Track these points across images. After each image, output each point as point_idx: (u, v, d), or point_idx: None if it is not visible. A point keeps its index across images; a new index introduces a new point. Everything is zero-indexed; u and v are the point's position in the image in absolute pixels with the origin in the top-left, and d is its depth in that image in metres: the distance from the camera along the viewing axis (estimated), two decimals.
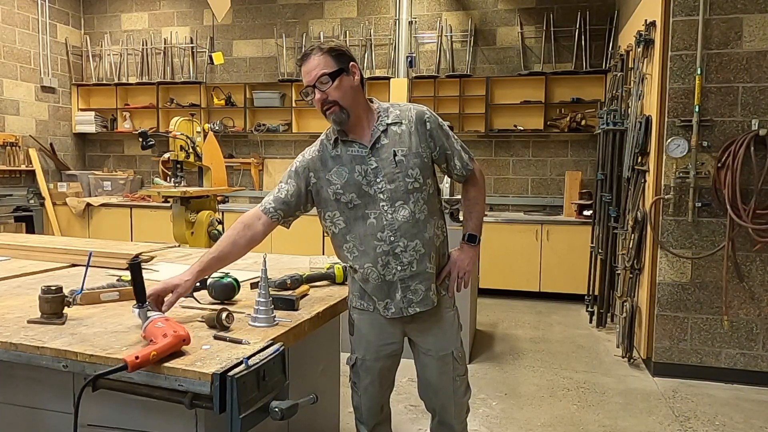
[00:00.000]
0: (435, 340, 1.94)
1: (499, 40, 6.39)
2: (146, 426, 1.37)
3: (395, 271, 1.82)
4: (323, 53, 1.76)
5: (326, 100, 1.76)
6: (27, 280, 2.08)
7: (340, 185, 1.82)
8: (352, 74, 1.79)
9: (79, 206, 6.85)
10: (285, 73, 6.95)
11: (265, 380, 1.27)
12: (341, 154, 1.84)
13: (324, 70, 1.74)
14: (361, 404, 2.02)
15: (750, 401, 3.42)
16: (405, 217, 1.80)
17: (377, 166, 1.80)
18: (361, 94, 1.84)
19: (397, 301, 1.85)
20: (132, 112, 7.51)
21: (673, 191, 3.67)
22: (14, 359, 1.36)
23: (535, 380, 3.69)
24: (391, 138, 1.83)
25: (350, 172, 1.82)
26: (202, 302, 1.75)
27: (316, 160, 1.87)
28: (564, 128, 6.07)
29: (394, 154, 1.81)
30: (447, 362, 1.94)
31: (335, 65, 1.76)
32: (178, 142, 4.17)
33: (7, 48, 6.67)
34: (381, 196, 1.80)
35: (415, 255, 1.82)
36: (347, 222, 1.85)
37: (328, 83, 1.75)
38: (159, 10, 7.43)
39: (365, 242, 1.82)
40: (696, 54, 3.59)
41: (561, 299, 5.70)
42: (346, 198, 1.82)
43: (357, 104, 1.81)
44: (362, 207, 1.82)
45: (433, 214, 1.88)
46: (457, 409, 1.99)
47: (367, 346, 1.95)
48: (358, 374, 1.99)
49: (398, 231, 1.80)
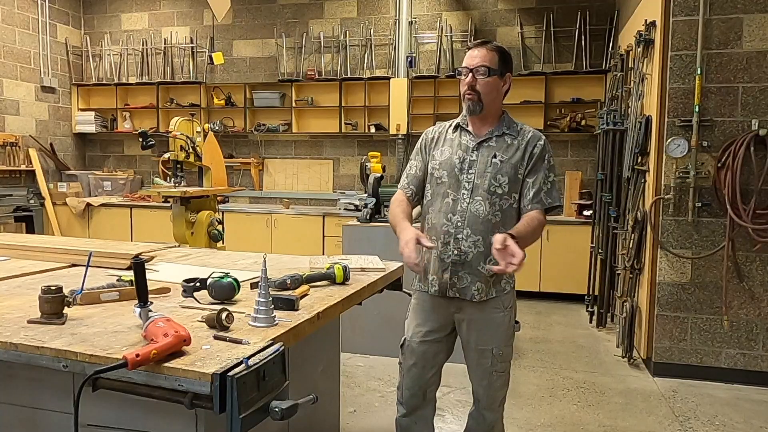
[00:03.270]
0: (477, 335, 2.06)
1: (499, 40, 6.38)
2: (146, 426, 1.37)
3: (450, 253, 2.00)
4: (494, 50, 2.00)
5: (473, 87, 1.98)
6: (27, 280, 2.08)
7: (439, 162, 2.07)
8: (503, 81, 2.03)
9: (79, 206, 6.86)
10: (285, 73, 6.95)
11: (265, 380, 1.26)
12: (454, 138, 2.08)
13: (485, 63, 1.97)
14: (403, 385, 2.17)
15: (750, 401, 3.43)
16: (477, 211, 1.99)
17: (475, 160, 2.02)
18: (500, 100, 2.06)
19: (443, 281, 2.03)
20: (132, 112, 7.51)
21: (673, 191, 3.67)
22: (14, 359, 1.36)
23: (535, 380, 3.69)
24: (500, 144, 2.03)
25: (452, 154, 2.05)
26: (202, 302, 1.74)
27: (434, 139, 2.13)
28: (564, 128, 6.08)
29: (494, 155, 2.01)
30: (485, 357, 2.07)
31: (497, 65, 1.99)
32: (178, 142, 4.17)
33: (7, 48, 6.68)
34: (466, 185, 2.01)
35: (473, 248, 1.99)
36: (433, 195, 2.08)
37: (484, 75, 1.97)
38: (159, 10, 7.44)
39: (438, 217, 2.04)
40: (696, 54, 3.59)
41: (561, 299, 5.70)
42: (439, 174, 2.06)
43: (493, 105, 2.02)
44: (446, 186, 2.04)
45: (506, 224, 2.00)
46: (489, 401, 2.13)
47: (414, 329, 2.13)
48: (404, 355, 2.16)
49: (466, 220, 1.99)
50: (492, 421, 2.16)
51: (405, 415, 2.19)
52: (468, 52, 2.03)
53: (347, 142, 6.92)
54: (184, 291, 1.79)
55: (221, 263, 2.42)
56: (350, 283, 2.06)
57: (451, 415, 3.12)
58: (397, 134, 6.29)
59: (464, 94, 2.01)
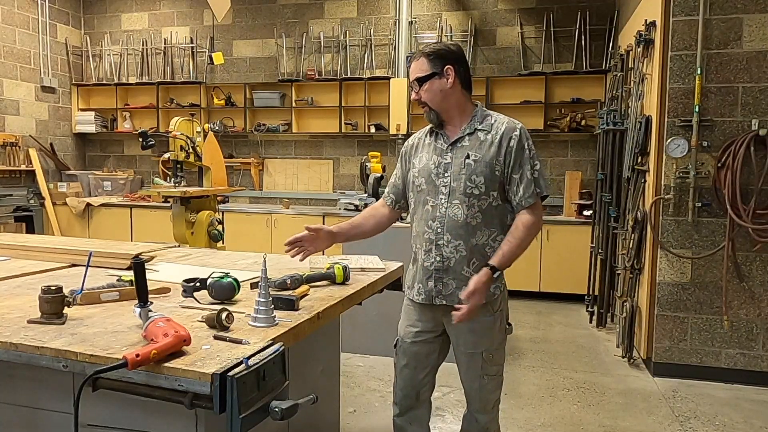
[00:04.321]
0: (466, 338, 2.04)
1: (499, 40, 6.39)
2: (146, 426, 1.37)
3: (433, 260, 1.98)
4: (421, 56, 1.96)
5: (419, 101, 1.99)
6: (27, 280, 2.08)
7: (418, 169, 2.04)
8: (446, 77, 1.94)
9: (79, 206, 6.85)
10: (285, 73, 6.95)
11: (265, 380, 1.26)
12: (430, 143, 2.05)
13: (418, 74, 1.95)
14: (396, 385, 2.17)
15: (750, 401, 3.43)
16: (456, 215, 1.94)
17: (449, 162, 1.97)
18: (454, 95, 1.97)
19: (428, 289, 2.00)
20: (132, 112, 7.51)
21: (673, 191, 3.67)
22: (14, 359, 1.36)
23: (535, 380, 3.69)
24: (473, 142, 1.97)
25: (428, 160, 2.01)
26: (202, 302, 1.74)
27: (414, 146, 2.12)
28: (564, 128, 6.07)
29: (467, 156, 1.95)
30: (475, 360, 2.05)
31: (429, 69, 1.94)
32: (178, 142, 4.17)
33: (7, 48, 6.68)
34: (443, 190, 1.96)
35: (455, 253, 1.95)
36: (415, 203, 2.07)
37: (420, 84, 1.96)
38: (159, 10, 7.43)
39: (420, 225, 2.02)
40: (696, 54, 3.59)
41: (561, 299, 5.70)
42: (418, 181, 2.03)
43: (447, 105, 1.97)
44: (425, 193, 2.00)
45: (489, 224, 1.96)
46: (481, 403, 2.11)
47: (405, 329, 2.13)
48: (397, 355, 2.16)
49: (446, 226, 1.95)
50: (485, 423, 2.13)
51: (399, 415, 2.17)
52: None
53: (347, 142, 6.92)
54: (184, 291, 1.79)
55: (221, 263, 2.42)
56: (350, 283, 2.06)
57: (450, 415, 3.12)
58: (397, 134, 6.29)
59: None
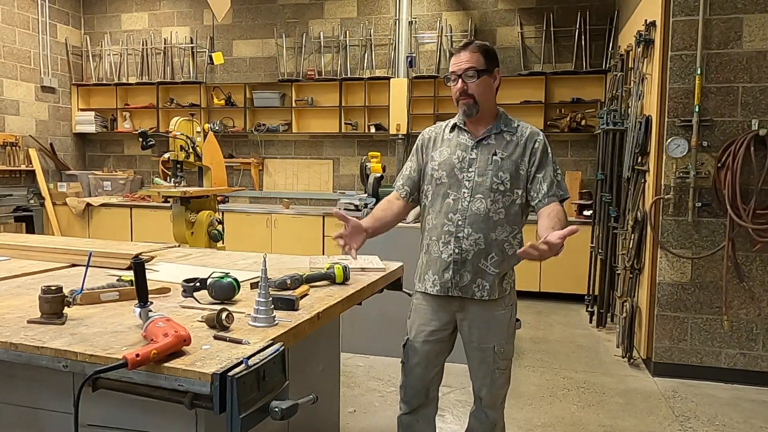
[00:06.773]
0: (479, 333, 2.08)
1: (499, 40, 6.39)
2: (146, 426, 1.36)
3: (451, 252, 2.02)
4: (478, 50, 1.99)
5: (465, 92, 1.99)
6: (27, 280, 2.08)
7: (438, 162, 2.08)
8: (493, 77, 2.03)
9: (79, 206, 6.86)
10: (285, 73, 6.95)
11: (265, 380, 1.26)
12: (452, 139, 2.09)
13: (474, 65, 1.97)
14: (406, 384, 2.19)
15: (750, 401, 3.43)
16: (479, 209, 2.00)
17: (475, 158, 2.03)
18: (494, 97, 2.06)
19: (444, 280, 2.04)
20: (132, 112, 7.51)
21: (673, 191, 3.67)
22: (14, 359, 1.36)
23: (535, 380, 3.69)
24: (499, 142, 2.04)
25: (451, 154, 2.06)
26: (202, 302, 1.74)
27: (431, 139, 2.15)
28: (564, 128, 6.08)
29: (494, 153, 2.02)
30: (488, 355, 2.08)
31: (484, 65, 1.99)
32: (178, 142, 4.17)
33: (7, 48, 6.68)
34: (466, 184, 2.02)
35: (474, 246, 2.00)
36: (433, 196, 2.09)
37: (473, 78, 1.97)
38: (159, 10, 7.44)
39: (438, 218, 2.06)
40: (696, 54, 3.59)
41: (561, 299, 5.70)
42: (438, 174, 2.07)
43: (488, 104, 2.04)
44: (446, 186, 2.05)
45: (510, 221, 2.02)
46: (491, 399, 2.14)
47: (416, 329, 2.15)
48: (407, 354, 2.17)
49: (467, 219, 2.00)
50: (494, 419, 2.18)
51: (407, 413, 2.20)
52: (452, 58, 2.03)
53: (347, 142, 6.92)
54: (184, 291, 1.79)
55: (221, 263, 2.42)
56: (350, 283, 2.06)
57: (451, 415, 3.12)
58: (397, 134, 6.29)
59: (458, 99, 2.02)
